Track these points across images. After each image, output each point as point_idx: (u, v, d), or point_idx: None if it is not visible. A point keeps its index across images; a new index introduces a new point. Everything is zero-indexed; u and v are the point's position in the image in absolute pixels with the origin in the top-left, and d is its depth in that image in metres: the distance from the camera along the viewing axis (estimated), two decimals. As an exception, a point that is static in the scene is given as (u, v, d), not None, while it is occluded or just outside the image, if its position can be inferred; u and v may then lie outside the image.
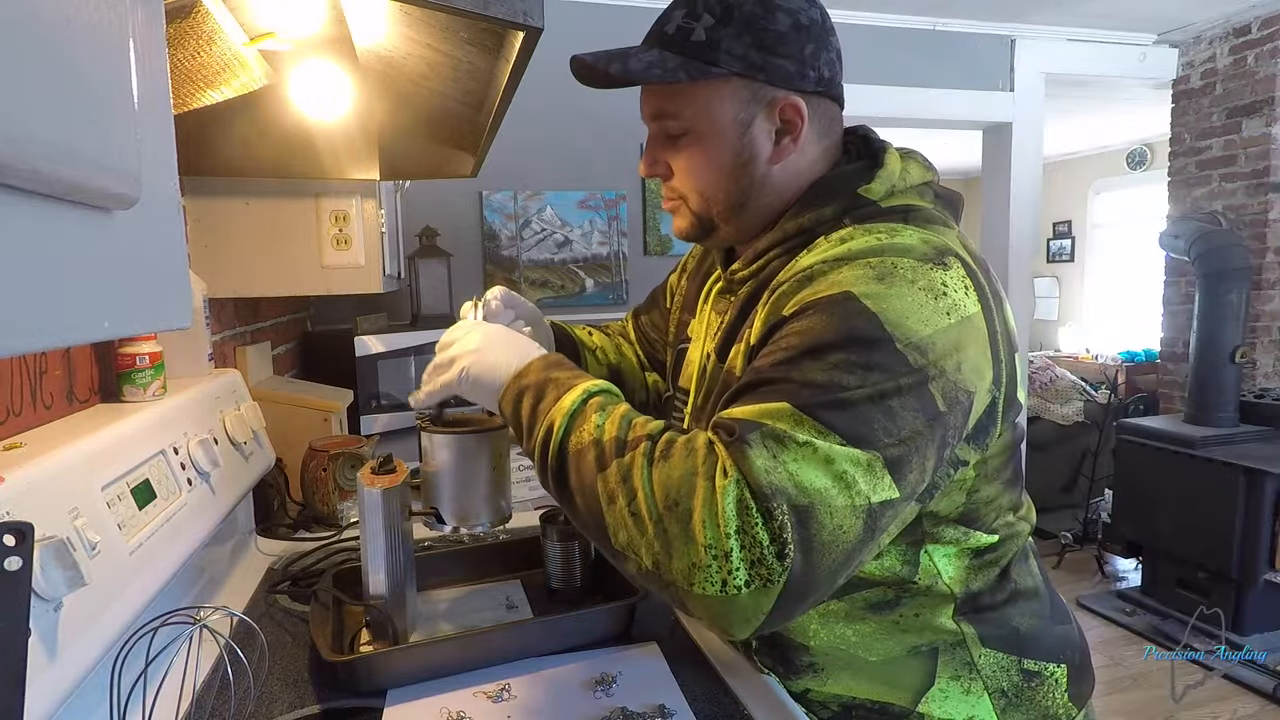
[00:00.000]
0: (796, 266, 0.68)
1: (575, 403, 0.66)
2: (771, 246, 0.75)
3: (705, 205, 0.76)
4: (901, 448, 0.58)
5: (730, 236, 0.79)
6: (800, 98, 0.71)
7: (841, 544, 0.55)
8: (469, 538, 1.11)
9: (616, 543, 0.60)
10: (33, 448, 0.68)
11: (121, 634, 0.66)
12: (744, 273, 0.77)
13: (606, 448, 0.62)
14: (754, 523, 0.54)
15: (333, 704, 0.75)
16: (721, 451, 0.57)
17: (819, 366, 0.59)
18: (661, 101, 0.75)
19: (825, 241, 0.69)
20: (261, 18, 0.83)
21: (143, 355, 0.93)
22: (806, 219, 0.72)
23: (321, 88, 0.98)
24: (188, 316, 0.43)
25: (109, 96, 0.31)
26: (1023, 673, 0.74)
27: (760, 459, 0.55)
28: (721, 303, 0.82)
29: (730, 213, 0.76)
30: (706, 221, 0.77)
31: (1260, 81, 3.13)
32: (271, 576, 1.09)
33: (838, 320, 0.60)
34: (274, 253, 1.37)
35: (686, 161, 0.75)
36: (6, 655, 0.44)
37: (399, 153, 1.25)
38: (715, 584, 0.55)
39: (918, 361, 0.59)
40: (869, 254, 0.64)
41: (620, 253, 2.91)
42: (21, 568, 0.44)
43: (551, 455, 0.66)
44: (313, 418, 1.53)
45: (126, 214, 0.34)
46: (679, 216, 0.79)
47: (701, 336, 0.84)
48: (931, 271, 0.63)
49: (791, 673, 0.77)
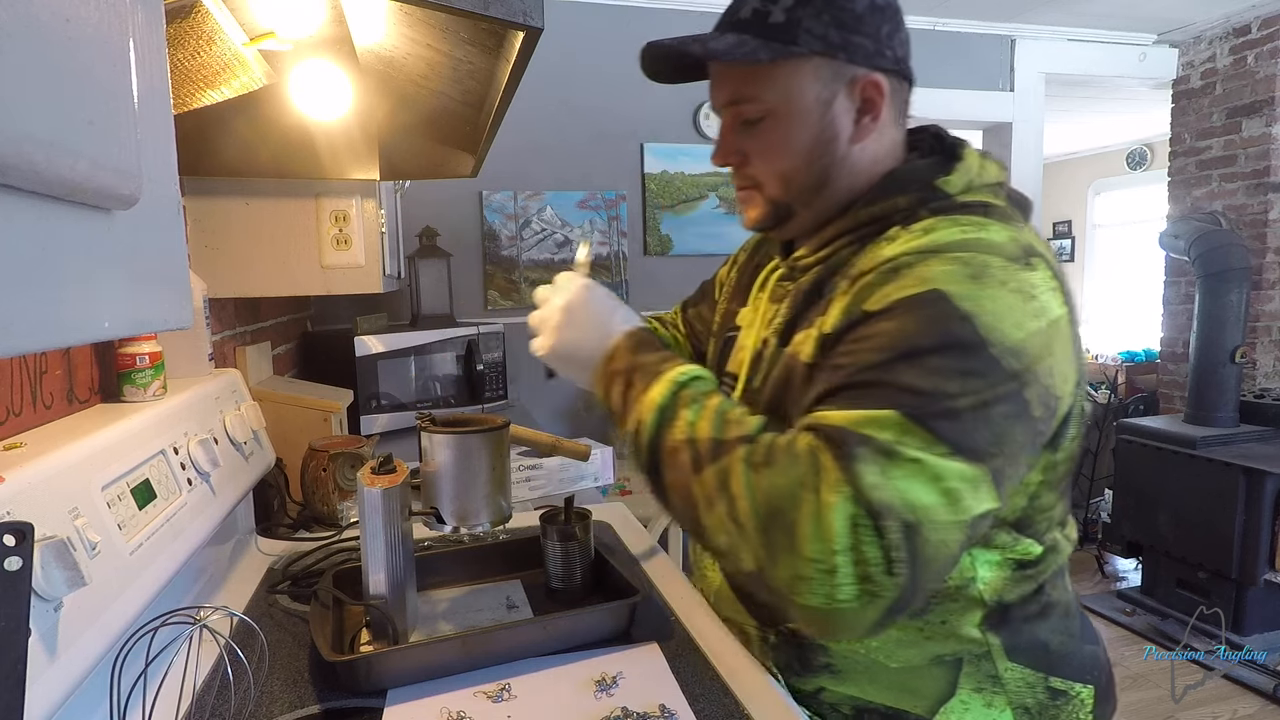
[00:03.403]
0: (878, 256, 0.66)
1: (665, 396, 0.66)
2: (841, 234, 0.73)
3: (783, 189, 0.74)
4: (1002, 458, 0.57)
5: (805, 223, 0.77)
6: (880, 75, 0.71)
7: (943, 557, 0.55)
8: (469, 538, 1.11)
9: (717, 544, 0.60)
10: (33, 448, 0.68)
11: (121, 634, 0.66)
12: (809, 259, 0.75)
13: (701, 449, 0.61)
14: (864, 540, 0.53)
15: (333, 704, 0.75)
16: (828, 463, 0.55)
17: (917, 371, 0.57)
18: (739, 85, 0.73)
19: (905, 232, 0.67)
20: (261, 18, 0.83)
21: (143, 355, 0.93)
22: (880, 208, 0.71)
23: (321, 88, 0.98)
24: (188, 316, 0.43)
25: (109, 96, 0.31)
26: (1049, 690, 0.72)
27: (870, 475, 0.54)
28: (780, 290, 0.80)
29: (809, 195, 0.74)
30: (782, 208, 0.76)
31: (1260, 81, 3.13)
32: (271, 576, 1.08)
33: (932, 322, 0.59)
34: (274, 253, 1.37)
35: (765, 145, 0.73)
36: (6, 655, 0.44)
37: (399, 153, 1.25)
38: (819, 596, 0.54)
39: (1014, 367, 0.58)
40: (957, 248, 0.62)
41: (620, 253, 2.91)
42: (21, 568, 0.44)
43: (644, 450, 0.65)
44: (313, 418, 1.52)
45: (126, 214, 0.34)
46: (752, 206, 0.78)
47: (755, 324, 0.82)
48: (1020, 273, 0.61)
49: (806, 671, 0.76)
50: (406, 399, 2.16)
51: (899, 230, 0.68)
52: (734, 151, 0.76)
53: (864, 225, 0.72)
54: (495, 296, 2.81)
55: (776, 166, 0.74)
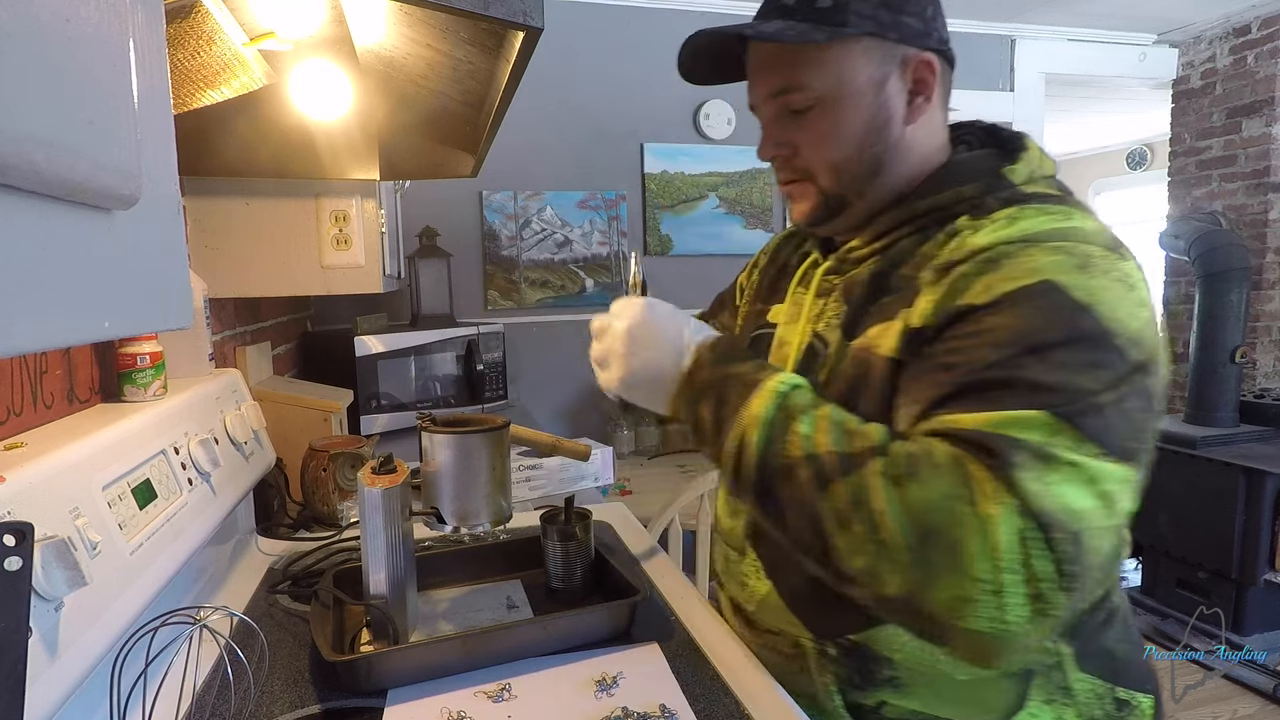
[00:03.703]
0: (965, 245, 0.63)
1: (770, 409, 0.61)
2: (899, 224, 0.71)
3: (837, 178, 0.72)
4: (1143, 455, 0.55)
5: (859, 214, 0.74)
6: (931, 54, 0.70)
7: (1098, 564, 0.51)
8: (469, 538, 1.11)
9: (850, 567, 0.55)
10: (33, 447, 0.68)
11: (122, 634, 0.66)
12: (863, 251, 0.73)
13: (825, 464, 0.56)
14: (1035, 555, 0.49)
15: (333, 704, 0.75)
16: (979, 473, 0.52)
17: (1045, 366, 0.54)
18: (786, 74, 0.70)
19: (987, 221, 0.65)
20: (261, 18, 0.83)
21: (143, 355, 0.93)
22: (944, 196, 0.69)
23: (321, 88, 0.98)
24: (188, 316, 0.43)
25: (109, 96, 0.31)
26: (1115, 701, 0.69)
27: (1032, 482, 0.50)
28: (826, 284, 0.77)
29: (864, 183, 0.71)
30: (835, 200, 0.73)
31: (1260, 81, 3.14)
32: (271, 576, 1.08)
33: (1051, 314, 0.56)
34: (274, 253, 1.37)
35: (816, 133, 0.71)
36: (7, 655, 0.44)
37: (399, 153, 1.25)
38: (986, 619, 0.50)
39: (1138, 358, 0.56)
40: (1055, 237, 0.60)
41: (620, 253, 2.91)
42: (22, 567, 0.44)
43: (749, 470, 0.60)
44: (313, 418, 1.52)
45: (126, 214, 0.34)
46: (803, 199, 0.75)
47: (800, 319, 0.78)
48: (1119, 262, 0.59)
49: (868, 684, 0.71)
50: (406, 399, 2.16)
51: (969, 220, 0.66)
52: (782, 144, 0.73)
53: (924, 215, 0.69)
54: (495, 296, 2.81)
55: (830, 155, 0.71)
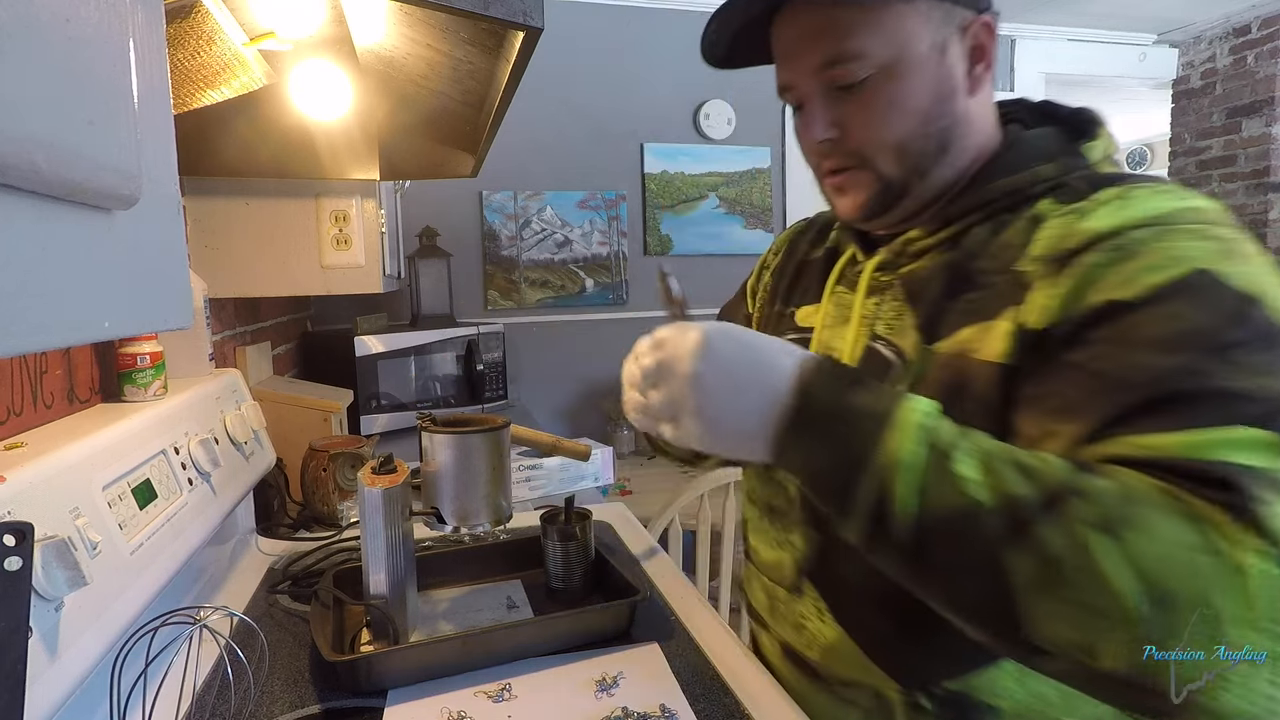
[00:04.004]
0: (1079, 231, 0.55)
1: (916, 449, 0.49)
2: (970, 210, 0.63)
3: (899, 160, 0.64)
4: None
5: (920, 200, 0.66)
6: (989, 17, 0.64)
7: None
8: (469, 538, 1.11)
9: (1050, 637, 0.44)
10: (34, 447, 0.68)
11: (122, 634, 0.66)
12: (926, 242, 0.66)
13: (1008, 515, 0.45)
14: None
15: (333, 704, 0.75)
16: (1215, 514, 0.43)
17: (1234, 370, 0.47)
18: (837, 42, 0.62)
19: (1088, 203, 0.57)
20: (261, 18, 0.83)
21: (143, 355, 0.93)
22: (1021, 178, 0.62)
23: (321, 88, 0.98)
24: (188, 316, 0.43)
25: (109, 96, 0.31)
26: None
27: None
28: (878, 281, 0.69)
29: (930, 165, 0.64)
30: (896, 186, 0.65)
31: (1260, 81, 3.14)
32: (271, 576, 1.08)
33: (1218, 308, 0.49)
34: (274, 253, 1.37)
35: (874, 110, 0.63)
36: (7, 655, 0.44)
37: (399, 153, 1.25)
38: (1244, 697, 0.42)
39: None
40: (1185, 219, 0.54)
41: (620, 253, 2.91)
42: (22, 567, 0.44)
43: (897, 529, 0.49)
44: (313, 418, 1.52)
45: (126, 214, 0.34)
46: (857, 189, 0.66)
47: (851, 320, 0.70)
48: (1251, 244, 0.54)
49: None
50: (406, 399, 2.16)
51: (1053, 204, 0.59)
52: (832, 125, 0.64)
53: (997, 199, 0.62)
54: (495, 296, 2.81)
55: (891, 134, 0.63)
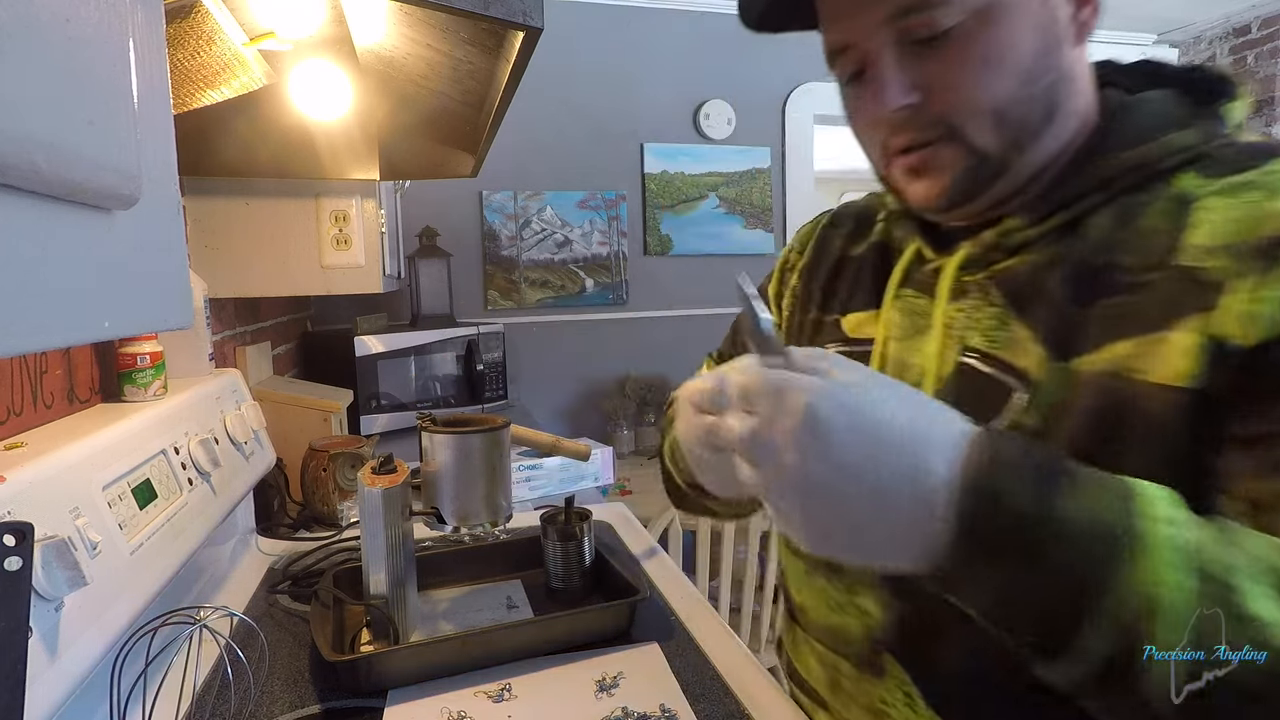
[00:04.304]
0: (1267, 211, 0.45)
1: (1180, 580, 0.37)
2: (1087, 191, 0.52)
3: (998, 128, 0.51)
4: None
5: (1014, 182, 0.54)
6: None
7: None
8: (469, 538, 1.11)
9: None
10: (34, 447, 0.68)
11: (122, 634, 0.66)
12: (1029, 233, 0.53)
13: None
14: None
15: (333, 704, 0.75)
16: None
17: None
18: None
19: (1268, 176, 0.47)
20: (261, 18, 0.83)
21: (143, 355, 0.93)
22: (1150, 150, 0.51)
23: (321, 88, 0.98)
24: (188, 316, 0.43)
25: (109, 96, 0.31)
26: None
27: None
28: (965, 282, 0.57)
29: (1033, 131, 0.52)
30: (991, 161, 0.53)
31: (1260, 81, 3.14)
32: (271, 576, 1.09)
33: None
34: (274, 253, 1.37)
35: (967, 64, 0.50)
36: (7, 655, 0.44)
37: (399, 153, 1.25)
38: None
39: None
40: None
41: (620, 253, 2.91)
42: (22, 567, 0.44)
43: (1153, 685, 0.38)
44: (313, 418, 1.53)
45: (126, 214, 0.34)
46: (940, 169, 0.53)
47: (927, 332, 0.58)
48: None
49: None
50: (406, 399, 2.16)
51: (1199, 179, 0.49)
52: (912, 88, 0.52)
53: (1124, 175, 0.51)
54: (495, 296, 2.81)
55: (987, 94, 0.50)
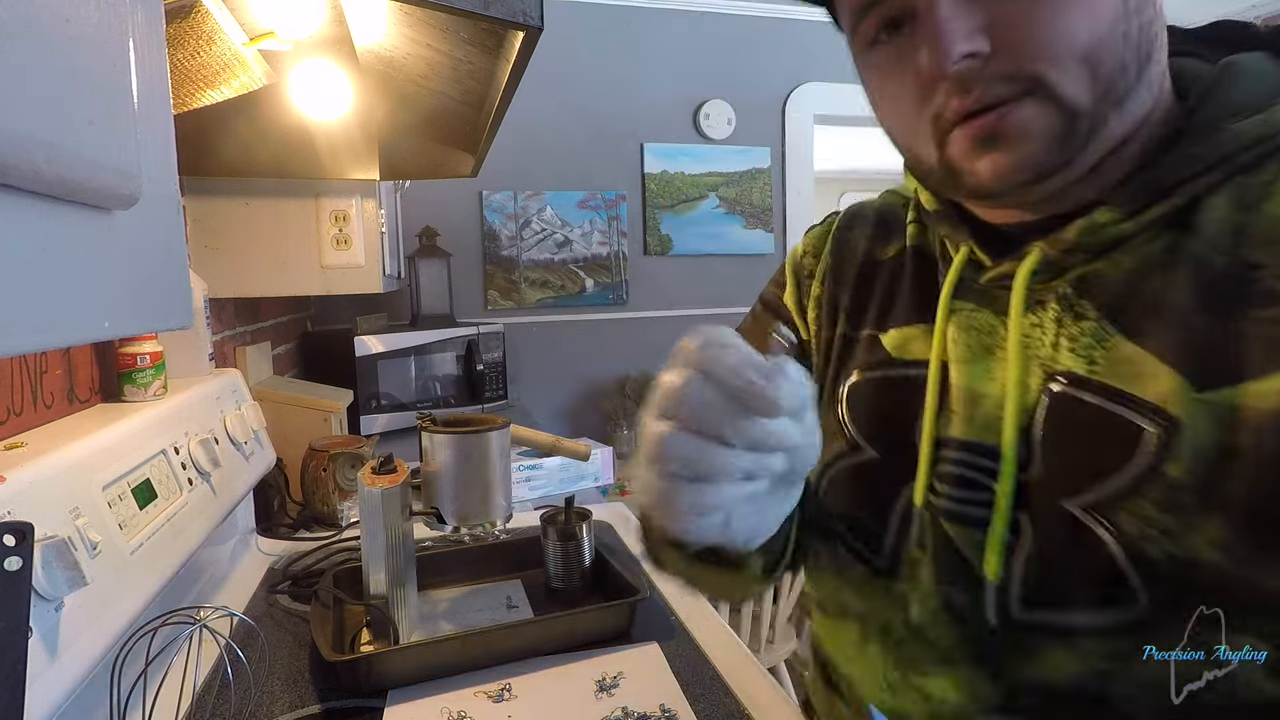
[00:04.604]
0: None
1: None
2: (1199, 171, 0.42)
3: (1093, 74, 0.40)
4: None
5: (1105, 147, 0.43)
6: None
7: None
8: (469, 538, 1.11)
9: None
10: (34, 447, 0.68)
11: (122, 634, 0.66)
12: (1124, 227, 0.43)
13: None
14: None
15: (333, 704, 0.75)
16: None
17: None
18: None
19: None
20: (261, 18, 0.83)
21: (143, 355, 0.93)
22: (1271, 120, 0.41)
23: (321, 88, 0.98)
24: (188, 316, 0.43)
25: (109, 96, 0.31)
26: None
27: None
28: (1042, 290, 0.47)
29: (1134, 78, 0.42)
30: (1088, 115, 0.41)
31: (1260, 81, 3.14)
32: (271, 576, 1.09)
33: None
34: (274, 253, 1.37)
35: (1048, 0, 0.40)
36: (7, 655, 0.44)
37: (399, 153, 1.25)
38: None
39: None
40: None
41: (620, 253, 2.91)
42: (22, 567, 0.44)
43: None
44: (313, 418, 1.53)
45: (126, 214, 0.34)
46: (1022, 134, 0.42)
47: (995, 351, 0.48)
48: None
49: None
50: (406, 399, 2.16)
51: None
52: (978, 31, 0.40)
53: (1238, 153, 0.41)
54: (495, 296, 2.81)
55: (1077, 29, 0.40)
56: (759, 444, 0.36)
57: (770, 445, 0.36)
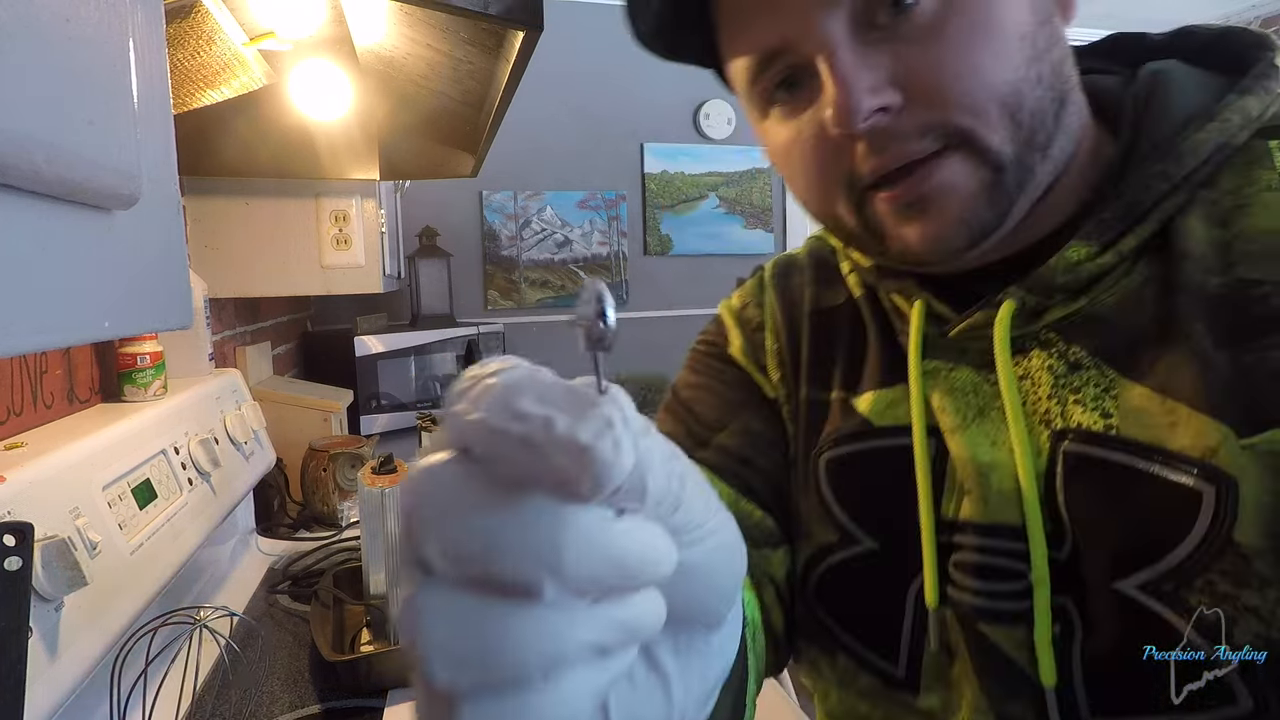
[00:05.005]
0: None
1: None
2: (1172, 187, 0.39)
3: (1014, 119, 0.37)
4: None
5: (1034, 194, 0.40)
6: None
7: None
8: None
9: None
10: (34, 447, 0.68)
11: (122, 634, 0.66)
12: (1104, 260, 0.39)
13: None
14: None
15: (333, 704, 0.75)
16: None
17: None
18: None
19: None
20: (261, 18, 0.83)
21: (143, 355, 0.93)
22: (1227, 126, 0.39)
23: (321, 88, 0.98)
24: (188, 316, 0.43)
25: (109, 96, 0.31)
26: None
27: None
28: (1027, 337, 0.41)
29: (1055, 118, 0.39)
30: (1014, 165, 0.38)
31: (1260, 81, 3.14)
32: (271, 576, 1.08)
33: None
34: (274, 253, 1.37)
35: (960, 36, 0.36)
36: (7, 655, 0.44)
37: (399, 153, 1.25)
38: None
39: None
40: None
41: (620, 253, 2.91)
42: (22, 567, 0.44)
43: None
44: (313, 418, 1.53)
45: (126, 214, 0.34)
46: (949, 191, 0.38)
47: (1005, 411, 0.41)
48: None
49: None
50: (406, 399, 2.16)
51: None
52: (887, 84, 0.37)
53: (1198, 168, 0.39)
54: (495, 296, 2.81)
55: (992, 74, 0.37)
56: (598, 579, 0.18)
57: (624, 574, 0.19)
